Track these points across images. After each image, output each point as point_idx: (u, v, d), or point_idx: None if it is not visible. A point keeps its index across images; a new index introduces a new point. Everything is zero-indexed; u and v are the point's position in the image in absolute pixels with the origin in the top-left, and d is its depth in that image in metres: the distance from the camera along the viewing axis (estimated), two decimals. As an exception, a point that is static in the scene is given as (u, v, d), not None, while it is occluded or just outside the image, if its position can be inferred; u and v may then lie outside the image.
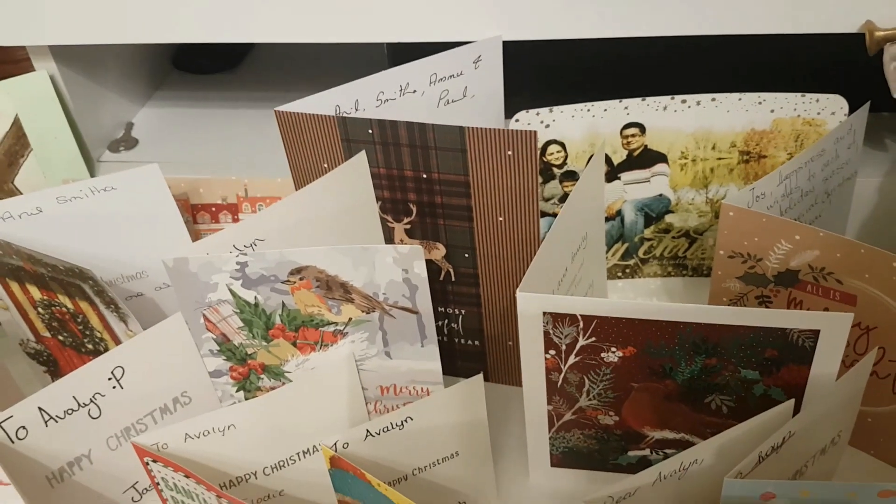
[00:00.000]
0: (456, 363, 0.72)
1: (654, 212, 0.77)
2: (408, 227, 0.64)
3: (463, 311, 0.68)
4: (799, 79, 0.72)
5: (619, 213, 0.77)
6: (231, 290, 0.54)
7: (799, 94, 0.68)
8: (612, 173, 0.75)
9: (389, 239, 0.65)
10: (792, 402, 0.49)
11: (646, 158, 0.74)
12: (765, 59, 0.77)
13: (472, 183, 0.59)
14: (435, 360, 0.57)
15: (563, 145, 0.72)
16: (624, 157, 0.74)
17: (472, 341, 0.70)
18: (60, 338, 0.68)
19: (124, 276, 0.72)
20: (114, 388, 0.60)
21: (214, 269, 0.53)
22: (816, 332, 0.49)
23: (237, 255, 0.52)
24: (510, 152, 0.57)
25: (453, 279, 0.66)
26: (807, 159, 0.63)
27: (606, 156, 0.74)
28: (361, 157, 0.59)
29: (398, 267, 0.52)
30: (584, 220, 0.64)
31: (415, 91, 0.67)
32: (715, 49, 0.75)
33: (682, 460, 0.47)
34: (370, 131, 0.60)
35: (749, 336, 0.50)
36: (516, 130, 0.55)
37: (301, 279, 0.53)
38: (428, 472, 0.57)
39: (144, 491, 0.65)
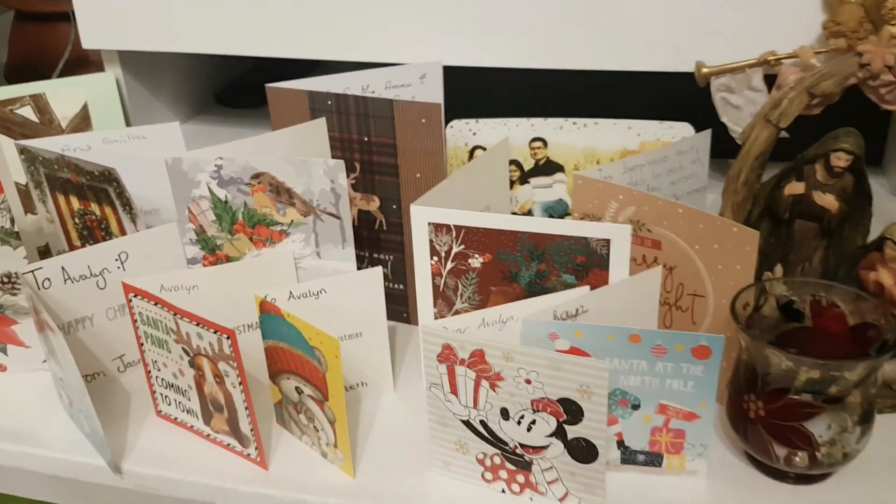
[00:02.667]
0: (386, 305, 0.88)
1: (556, 213, 0.94)
2: (353, 181, 0.82)
3: (392, 257, 0.85)
4: (673, 110, 0.89)
5: (530, 212, 0.94)
6: (209, 188, 0.72)
7: (657, 122, 0.86)
8: (524, 177, 0.92)
9: (339, 192, 0.83)
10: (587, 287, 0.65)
11: (548, 168, 0.92)
12: (644, 93, 0.95)
13: (397, 144, 0.78)
14: (352, 262, 0.74)
15: (484, 150, 0.90)
16: (532, 165, 0.92)
17: (398, 285, 0.86)
18: (88, 245, 0.85)
19: (143, 210, 0.90)
20: (118, 267, 0.77)
21: (199, 168, 0.71)
22: (608, 241, 0.64)
23: (216, 159, 0.70)
24: (424, 120, 0.75)
25: (385, 228, 0.83)
26: (650, 159, 0.80)
27: (518, 162, 0.91)
28: (321, 121, 0.78)
29: (327, 178, 0.70)
30: (487, 187, 0.80)
31: (373, 91, 0.87)
32: (604, 81, 0.93)
33: (501, 313, 0.62)
34: (329, 102, 0.79)
35: (564, 244, 0.66)
36: (427, 102, 0.74)
37: (259, 183, 0.71)
38: None
39: (129, 364, 0.80)
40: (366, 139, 0.80)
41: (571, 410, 0.58)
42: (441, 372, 0.61)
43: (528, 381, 0.58)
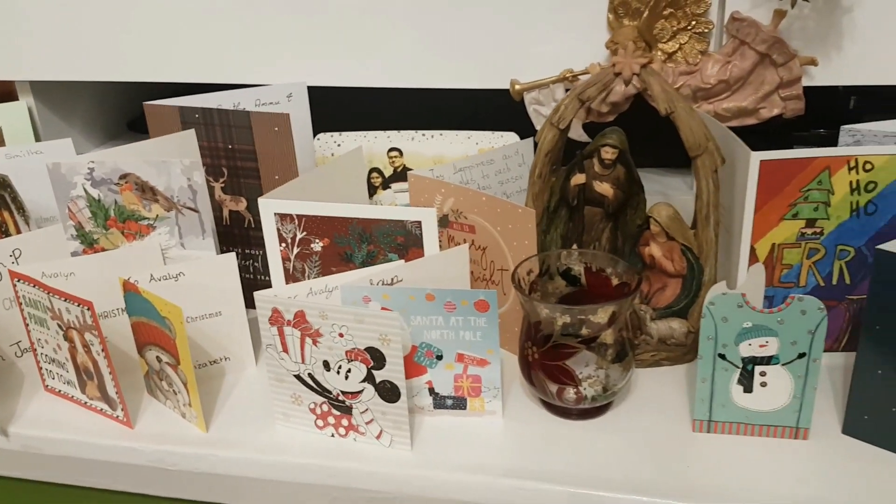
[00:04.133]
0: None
1: (414, 213, 1.04)
2: (223, 185, 0.91)
3: (260, 252, 0.94)
4: (511, 121, 1.01)
5: (394, 212, 1.04)
6: (84, 188, 0.80)
7: (490, 132, 0.97)
8: (385, 183, 1.03)
9: (212, 195, 0.92)
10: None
11: (405, 174, 1.02)
12: (488, 106, 1.06)
13: (257, 150, 0.87)
14: (211, 251, 0.83)
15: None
16: (391, 172, 1.02)
17: (266, 277, 0.95)
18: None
19: (42, 217, 0.98)
20: (13, 262, 0.84)
21: (75, 171, 0.80)
22: (420, 223, 0.75)
23: (89, 162, 0.78)
24: (276, 128, 0.85)
25: (253, 226, 0.92)
26: (478, 161, 0.91)
27: (379, 169, 1.01)
28: (191, 132, 0.87)
29: (184, 176, 0.79)
30: (345, 187, 0.90)
31: (244, 108, 0.96)
32: (453, 97, 1.04)
33: (327, 283, 0.72)
34: (196, 116, 0.88)
35: (387, 227, 0.76)
36: (277, 113, 0.84)
37: (126, 182, 0.79)
38: (198, 322, 0.80)
39: (25, 349, 0.87)
40: (230, 147, 0.89)
41: (376, 357, 0.68)
42: (273, 333, 0.70)
43: (341, 335, 0.68)
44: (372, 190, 1.03)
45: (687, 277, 0.81)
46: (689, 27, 0.84)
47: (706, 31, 0.84)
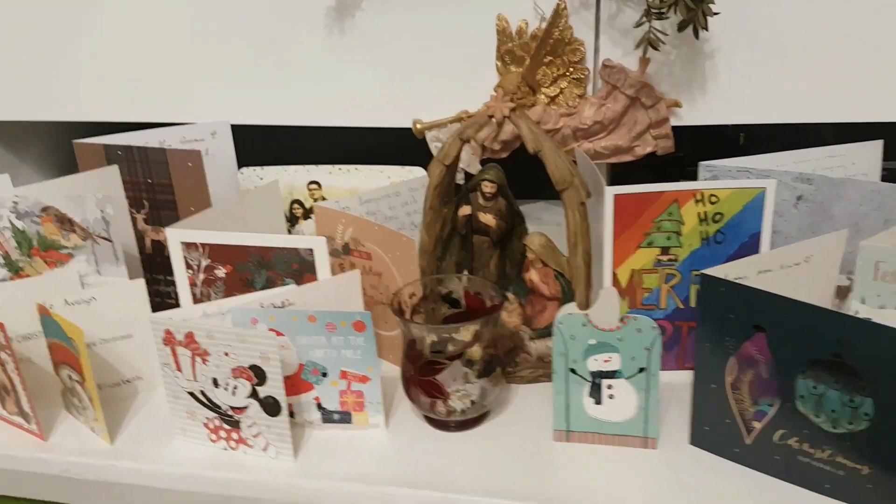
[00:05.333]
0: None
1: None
2: (145, 216, 0.96)
3: (182, 279, 0.99)
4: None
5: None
6: (10, 220, 0.85)
7: (400, 167, 1.03)
8: (306, 214, 1.08)
9: (136, 225, 0.97)
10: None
11: (324, 204, 1.08)
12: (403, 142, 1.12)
13: (173, 184, 0.93)
14: (125, 277, 0.87)
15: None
16: (311, 204, 1.07)
17: (188, 302, 1.00)
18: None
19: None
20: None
21: (1, 205, 0.84)
22: (312, 250, 0.80)
23: (13, 196, 0.84)
24: (190, 164, 0.91)
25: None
26: (385, 194, 0.97)
27: (300, 201, 1.07)
28: (114, 168, 0.93)
29: (98, 209, 0.84)
30: (260, 217, 0.95)
31: (170, 145, 1.02)
32: (369, 134, 1.10)
33: (220, 306, 0.77)
34: (119, 153, 0.93)
35: (283, 254, 0.82)
36: (190, 150, 0.89)
37: (47, 214, 0.84)
38: (110, 344, 0.85)
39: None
40: (150, 181, 0.95)
41: (259, 374, 0.72)
42: (167, 353, 0.75)
43: (227, 354, 0.73)
44: (294, 220, 1.08)
45: (562, 300, 0.86)
46: (567, 73, 0.91)
47: (583, 77, 0.90)
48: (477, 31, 0.94)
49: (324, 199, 1.09)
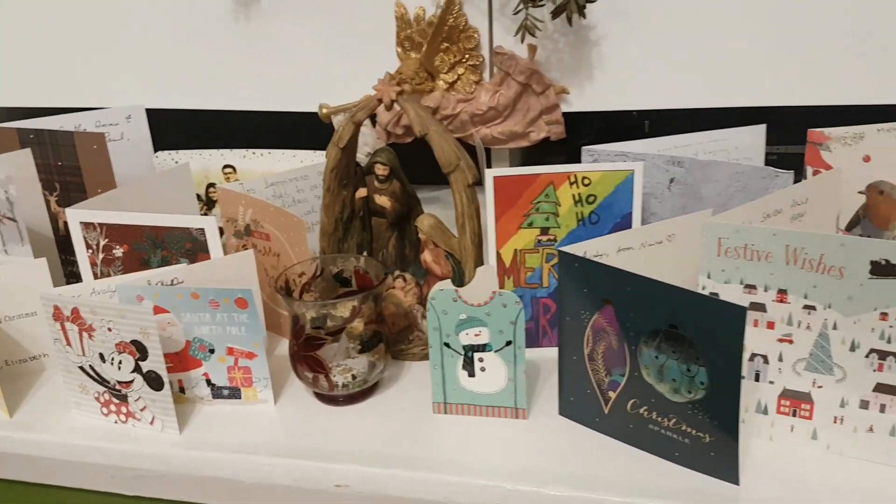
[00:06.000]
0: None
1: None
2: (56, 198, 0.98)
3: (95, 260, 1.00)
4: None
5: (231, 225, 1.12)
6: (-89, 200, 0.87)
7: (312, 151, 1.05)
8: (223, 198, 1.10)
9: (48, 207, 0.98)
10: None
11: (240, 188, 1.10)
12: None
13: (81, 167, 0.94)
14: (30, 256, 0.89)
15: (188, 176, 1.08)
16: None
17: (103, 283, 1.02)
18: None
19: None
20: None
21: None
22: (203, 230, 0.82)
23: (-86, 177, 0.85)
24: (95, 146, 0.92)
25: (86, 236, 0.99)
26: (292, 177, 0.99)
27: (215, 184, 1.09)
28: (27, 151, 0.94)
29: (2, 190, 0.86)
30: (170, 199, 0.97)
31: (85, 129, 1.03)
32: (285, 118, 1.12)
33: (109, 284, 0.79)
34: (31, 136, 0.95)
35: (176, 234, 0.84)
36: (94, 132, 0.91)
37: (-50, 195, 0.86)
38: (15, 321, 0.86)
39: None
40: (60, 164, 0.96)
41: (140, 349, 0.75)
42: (56, 328, 0.77)
43: (110, 329, 0.75)
44: (211, 203, 1.10)
45: (453, 280, 0.89)
46: (463, 60, 0.93)
47: (478, 63, 0.93)
48: (382, 16, 0.96)
49: (238, 182, 1.11)
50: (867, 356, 0.64)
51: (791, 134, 0.96)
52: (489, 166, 1.02)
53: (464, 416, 0.79)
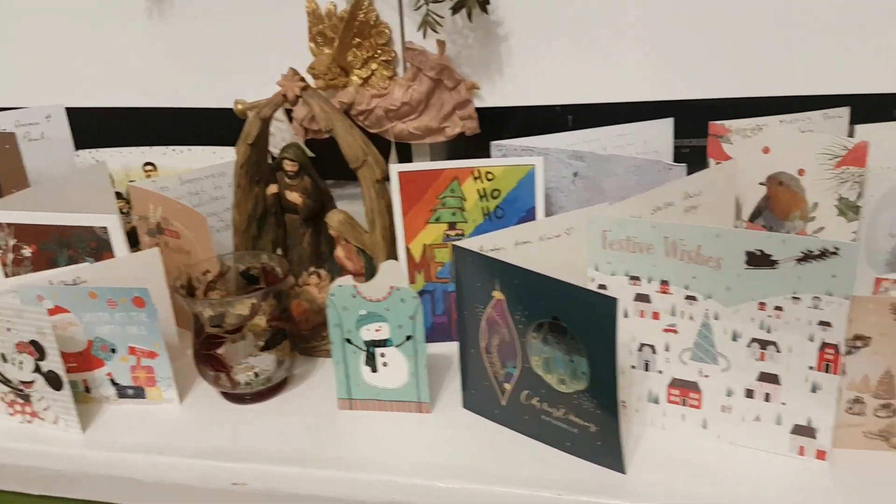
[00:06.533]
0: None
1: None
2: (-31, 199, 0.97)
3: (11, 261, 1.00)
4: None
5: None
6: None
7: (232, 147, 1.04)
8: (147, 196, 1.09)
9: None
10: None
11: (163, 185, 1.09)
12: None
13: (-9, 167, 0.94)
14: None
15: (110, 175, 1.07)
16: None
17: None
18: None
19: None
20: None
21: None
22: (106, 228, 0.82)
23: None
24: (7, 146, 0.92)
25: None
26: (208, 174, 0.98)
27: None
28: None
29: None
30: (86, 198, 0.96)
31: (5, 129, 1.03)
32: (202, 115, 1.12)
33: (12, 283, 0.78)
34: (-63, 135, 0.94)
35: (80, 233, 0.84)
36: (6, 132, 0.90)
37: None
38: None
39: None
40: (-32, 163, 0.96)
41: (39, 349, 0.74)
42: (-45, 329, 0.77)
43: (9, 329, 0.74)
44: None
45: (366, 276, 0.89)
46: (376, 55, 0.93)
47: (390, 59, 0.93)
48: (298, 12, 0.96)
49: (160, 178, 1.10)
50: (749, 346, 0.65)
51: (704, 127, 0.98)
52: (411, 161, 1.03)
53: (369, 412, 0.80)
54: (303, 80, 0.85)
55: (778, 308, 0.62)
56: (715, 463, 0.69)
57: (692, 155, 0.96)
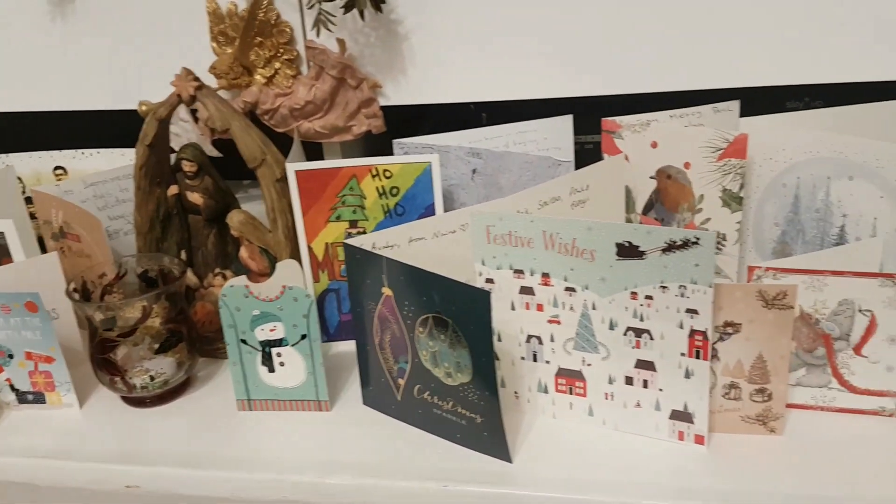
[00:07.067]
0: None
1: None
2: None
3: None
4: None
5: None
6: None
7: (112, 150, 1.04)
8: (56, 200, 1.08)
9: None
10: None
11: (74, 189, 1.08)
12: None
13: None
14: None
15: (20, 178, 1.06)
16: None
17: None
18: None
19: None
20: None
21: None
22: (3, 233, 0.81)
23: None
24: None
25: None
26: (113, 177, 0.98)
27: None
28: None
29: None
30: None
31: None
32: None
33: None
34: None
35: (-26, 239, 0.82)
36: None
37: None
38: None
39: None
40: None
41: (-75, 357, 0.74)
42: None
43: None
44: (43, 206, 1.09)
45: (270, 276, 0.90)
46: (278, 54, 0.94)
47: (293, 57, 0.94)
48: (200, 11, 0.96)
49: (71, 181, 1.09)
50: (625, 334, 0.68)
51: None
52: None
53: (268, 412, 0.80)
54: (197, 79, 0.85)
55: (648, 297, 0.65)
56: (600, 449, 0.71)
57: (596, 151, 0.99)
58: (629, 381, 0.69)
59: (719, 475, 0.67)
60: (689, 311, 0.64)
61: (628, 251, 0.64)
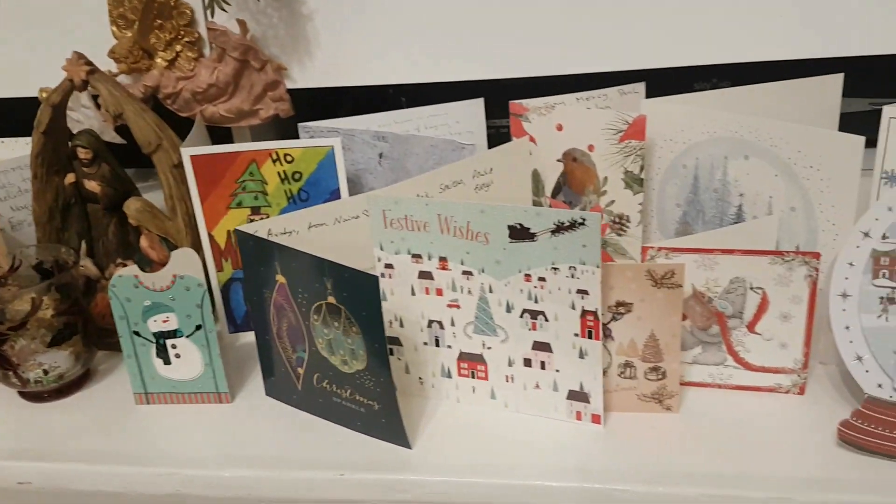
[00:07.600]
0: None
1: None
2: None
3: None
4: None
5: None
6: None
7: (15, 139, 1.01)
8: None
9: None
10: None
11: None
12: None
13: None
14: None
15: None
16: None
17: None
18: None
19: None
20: None
21: None
22: None
23: None
24: None
25: None
26: (14, 166, 0.94)
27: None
28: None
29: None
30: None
31: None
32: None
33: None
34: None
35: None
36: None
37: None
38: None
39: None
40: None
41: None
42: None
43: None
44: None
45: (173, 265, 0.88)
46: (179, 37, 0.92)
47: (194, 40, 0.91)
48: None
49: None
50: (521, 316, 0.68)
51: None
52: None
53: (168, 405, 0.79)
54: (89, 63, 0.83)
55: (541, 279, 0.65)
56: (501, 432, 0.72)
57: (508, 135, 0.99)
58: (528, 363, 0.70)
59: (615, 454, 0.68)
60: (579, 291, 0.65)
61: (520, 233, 0.64)
